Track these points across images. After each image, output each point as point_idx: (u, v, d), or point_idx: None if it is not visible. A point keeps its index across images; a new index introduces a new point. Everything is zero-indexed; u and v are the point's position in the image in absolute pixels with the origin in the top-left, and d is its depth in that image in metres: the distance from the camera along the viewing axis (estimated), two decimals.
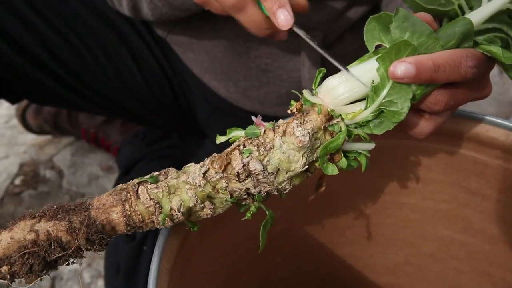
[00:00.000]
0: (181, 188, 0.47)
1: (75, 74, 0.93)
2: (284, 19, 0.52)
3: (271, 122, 0.49)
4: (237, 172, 0.46)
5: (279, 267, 0.73)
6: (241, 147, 0.47)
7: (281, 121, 0.49)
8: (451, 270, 0.72)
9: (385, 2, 0.82)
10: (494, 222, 0.65)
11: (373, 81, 0.47)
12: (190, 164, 0.49)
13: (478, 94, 0.52)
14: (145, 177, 0.47)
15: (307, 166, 0.48)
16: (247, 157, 0.47)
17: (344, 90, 0.47)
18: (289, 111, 0.50)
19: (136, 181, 0.47)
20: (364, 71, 0.48)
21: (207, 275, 0.61)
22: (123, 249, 0.90)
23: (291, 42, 0.82)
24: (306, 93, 0.49)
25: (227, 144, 0.50)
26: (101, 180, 1.31)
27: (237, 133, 0.50)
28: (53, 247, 0.44)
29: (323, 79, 0.50)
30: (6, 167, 1.34)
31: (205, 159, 0.48)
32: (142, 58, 0.94)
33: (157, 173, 0.48)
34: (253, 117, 0.49)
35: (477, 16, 0.48)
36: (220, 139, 0.51)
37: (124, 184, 0.48)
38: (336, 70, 0.50)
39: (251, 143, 0.47)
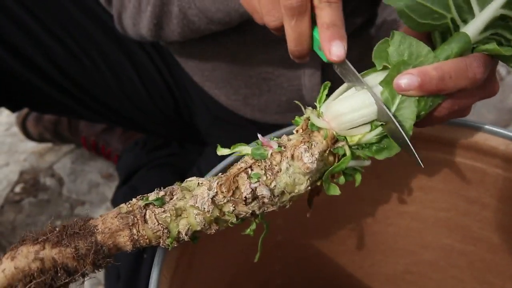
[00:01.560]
0: (189, 212, 0.46)
1: (75, 82, 0.94)
2: (337, 51, 0.48)
3: (274, 138, 0.49)
4: (245, 197, 0.47)
5: (279, 275, 0.73)
6: (249, 171, 0.47)
7: (284, 138, 0.49)
8: (451, 279, 0.72)
9: (381, 7, 0.82)
10: (494, 230, 0.65)
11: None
12: (192, 178, 0.49)
13: (486, 92, 0.51)
14: (150, 198, 0.47)
15: (310, 188, 0.48)
16: (256, 182, 0.47)
17: (352, 117, 0.47)
18: (294, 132, 0.50)
19: (141, 203, 0.46)
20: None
21: (207, 283, 0.61)
22: (123, 257, 0.90)
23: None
24: (313, 117, 0.49)
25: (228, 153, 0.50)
26: (101, 188, 1.31)
27: (241, 149, 0.49)
28: (59, 274, 0.43)
29: (328, 94, 0.50)
30: (6, 174, 1.34)
31: (211, 180, 0.48)
32: (143, 66, 0.95)
33: (162, 193, 0.47)
34: (259, 136, 0.49)
35: (472, 28, 0.48)
36: (223, 152, 0.50)
37: (128, 204, 0.47)
38: (339, 80, 0.50)
39: (258, 165, 0.47)
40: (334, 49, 0.48)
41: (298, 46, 0.52)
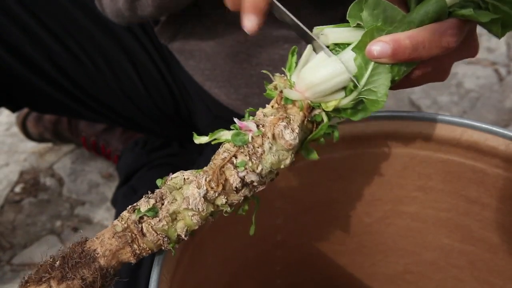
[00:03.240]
0: (184, 215, 0.46)
1: (75, 81, 0.94)
2: (247, 25, 0.48)
3: (250, 118, 0.48)
4: (236, 187, 0.46)
5: (279, 275, 0.73)
6: (234, 160, 0.47)
7: (259, 114, 0.49)
8: (452, 279, 0.72)
9: None
10: (494, 230, 0.65)
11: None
12: (176, 174, 0.48)
13: (463, 54, 0.50)
14: (142, 210, 0.46)
15: (294, 159, 0.48)
16: (243, 170, 0.46)
17: (326, 86, 0.46)
18: (269, 106, 0.49)
19: (134, 217, 0.46)
20: (345, 60, 0.47)
21: (207, 283, 0.61)
22: None
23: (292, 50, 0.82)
24: (286, 91, 0.48)
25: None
26: (101, 188, 1.31)
27: (220, 135, 0.49)
28: None
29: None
30: (6, 174, 1.34)
31: (198, 176, 0.47)
32: (143, 65, 0.95)
33: (152, 201, 0.46)
34: (236, 120, 0.49)
35: None
36: (201, 140, 0.50)
37: (121, 220, 0.46)
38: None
39: (241, 152, 0.47)
40: (245, 23, 0.48)
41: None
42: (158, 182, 0.48)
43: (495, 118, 1.45)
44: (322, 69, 0.46)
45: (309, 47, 0.49)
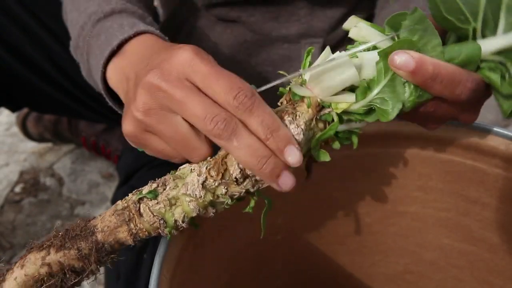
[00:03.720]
0: (182, 200, 0.47)
1: (75, 81, 0.94)
2: (293, 160, 0.44)
3: None
4: (235, 178, 0.46)
5: (279, 275, 0.73)
6: None
7: None
8: (451, 279, 0.72)
9: (378, 7, 0.83)
10: (494, 230, 0.65)
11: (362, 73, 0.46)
12: (184, 165, 0.49)
13: (464, 116, 0.50)
14: (144, 192, 0.47)
15: (303, 158, 0.48)
16: None
17: (333, 82, 0.46)
18: (279, 104, 0.49)
19: (135, 197, 0.47)
20: (365, 60, 0.47)
21: (207, 283, 0.61)
22: (123, 257, 0.90)
23: (292, 49, 0.82)
24: (294, 87, 0.48)
25: None
26: (101, 188, 1.31)
27: None
28: (68, 275, 0.45)
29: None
30: (6, 174, 1.34)
31: (201, 165, 0.48)
32: None
33: (154, 185, 0.47)
34: None
35: (488, 45, 0.46)
36: None
37: (123, 200, 0.48)
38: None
39: None
40: (289, 158, 0.44)
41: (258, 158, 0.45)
42: (171, 172, 0.49)
43: (495, 118, 1.45)
44: (330, 64, 0.47)
45: (327, 48, 0.49)
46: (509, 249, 0.65)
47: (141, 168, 1.11)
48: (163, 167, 1.10)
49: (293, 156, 0.44)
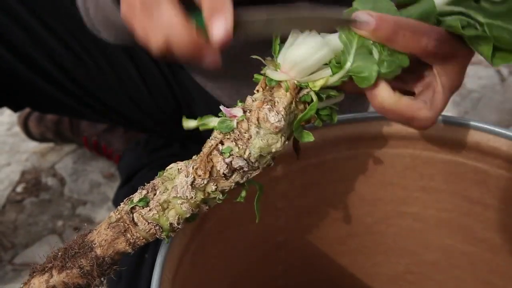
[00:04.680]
0: (174, 203, 0.46)
1: (77, 81, 0.94)
2: (218, 30, 0.42)
3: (239, 105, 0.48)
4: (223, 173, 0.46)
5: (281, 275, 0.73)
6: (220, 147, 0.46)
7: (248, 100, 0.48)
8: (453, 279, 0.72)
9: None
10: (496, 231, 0.65)
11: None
12: (171, 165, 0.49)
13: (448, 79, 0.49)
14: (135, 200, 0.47)
15: (287, 142, 0.48)
16: (229, 156, 0.46)
17: (309, 62, 0.46)
18: (255, 91, 0.49)
19: (127, 207, 0.47)
20: (330, 38, 0.47)
21: (209, 284, 0.61)
22: (125, 258, 0.90)
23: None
24: (269, 72, 0.48)
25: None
26: (103, 188, 1.31)
27: (207, 121, 0.49)
28: None
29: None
30: (7, 174, 1.34)
31: (187, 165, 0.48)
32: (145, 66, 0.95)
33: (144, 191, 0.47)
34: (222, 107, 0.48)
35: None
36: (189, 124, 0.49)
37: (116, 212, 0.47)
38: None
39: (228, 138, 0.46)
40: (215, 30, 0.42)
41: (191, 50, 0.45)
42: (159, 174, 0.49)
43: (497, 118, 1.45)
44: (303, 46, 0.46)
45: (293, 30, 0.48)
46: (511, 250, 0.65)
47: (142, 168, 1.11)
48: (164, 167, 1.10)
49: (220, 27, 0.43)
